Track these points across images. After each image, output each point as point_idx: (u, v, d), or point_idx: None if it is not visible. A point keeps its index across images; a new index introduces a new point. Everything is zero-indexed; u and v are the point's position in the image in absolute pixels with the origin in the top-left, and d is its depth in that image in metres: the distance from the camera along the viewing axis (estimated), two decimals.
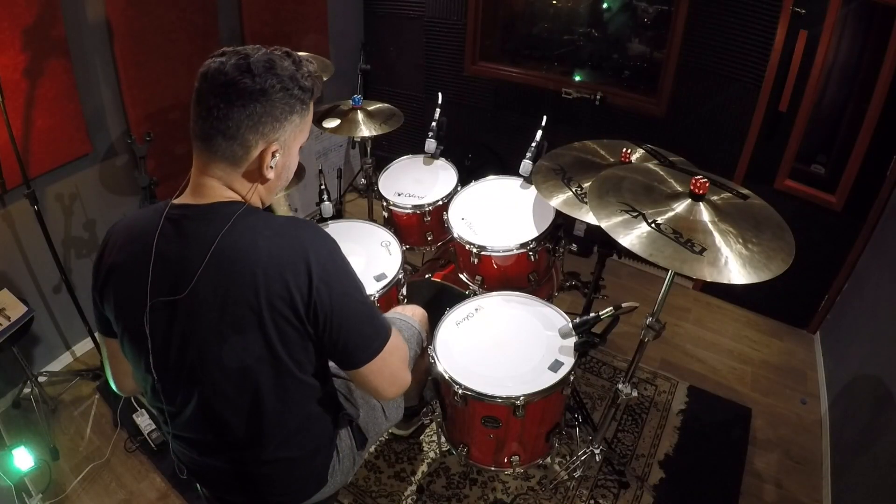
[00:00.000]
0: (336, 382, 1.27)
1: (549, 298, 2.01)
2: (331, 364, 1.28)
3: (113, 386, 1.16)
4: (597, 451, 1.87)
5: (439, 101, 2.36)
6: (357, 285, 1.00)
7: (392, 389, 1.09)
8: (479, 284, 1.98)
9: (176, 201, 0.96)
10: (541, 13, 3.18)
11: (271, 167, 0.95)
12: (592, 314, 1.47)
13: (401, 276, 1.83)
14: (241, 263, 0.89)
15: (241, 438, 1.03)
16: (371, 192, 2.41)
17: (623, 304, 1.46)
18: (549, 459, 1.97)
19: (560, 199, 1.70)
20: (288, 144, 0.97)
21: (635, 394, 1.70)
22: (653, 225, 1.34)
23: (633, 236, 1.32)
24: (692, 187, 1.38)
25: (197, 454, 1.08)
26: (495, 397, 1.43)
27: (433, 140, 2.32)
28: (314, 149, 3.36)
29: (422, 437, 2.09)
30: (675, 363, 2.48)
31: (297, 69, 0.93)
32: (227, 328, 0.91)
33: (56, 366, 2.37)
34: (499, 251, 1.86)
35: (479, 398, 1.45)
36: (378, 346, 1.02)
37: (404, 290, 1.89)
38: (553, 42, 3.11)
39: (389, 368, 1.06)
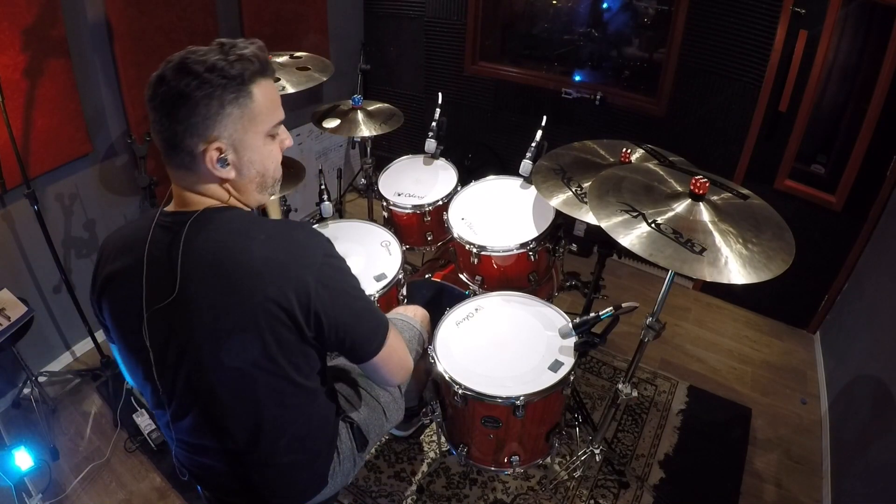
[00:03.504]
0: (337, 384, 1.27)
1: (549, 298, 2.01)
2: (331, 364, 1.28)
3: (131, 382, 1.16)
4: (597, 451, 1.87)
5: (439, 101, 2.36)
6: (354, 282, 1.00)
7: (402, 374, 1.13)
8: (479, 284, 1.98)
9: (167, 209, 0.95)
10: (541, 13, 3.18)
11: (222, 167, 0.90)
12: (592, 314, 1.47)
13: (401, 276, 1.83)
14: (235, 269, 0.88)
15: (241, 444, 1.02)
16: (371, 192, 2.41)
17: (623, 304, 1.45)
18: (549, 459, 1.97)
19: (560, 199, 1.70)
20: (236, 139, 0.90)
21: (635, 394, 1.70)
22: (653, 225, 1.34)
23: (633, 236, 1.32)
24: (692, 187, 1.38)
25: (197, 457, 1.08)
26: (495, 397, 1.43)
27: (433, 140, 2.32)
28: (314, 149, 3.36)
29: (422, 437, 2.09)
30: (675, 363, 2.48)
31: (223, 57, 0.86)
32: (224, 335, 0.90)
33: (56, 366, 2.37)
34: (499, 251, 1.86)
35: (479, 398, 1.45)
36: (383, 337, 1.04)
37: (404, 290, 1.89)
38: (553, 42, 3.11)
39: (397, 354, 1.09)
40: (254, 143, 0.93)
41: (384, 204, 2.21)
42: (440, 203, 2.14)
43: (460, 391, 1.46)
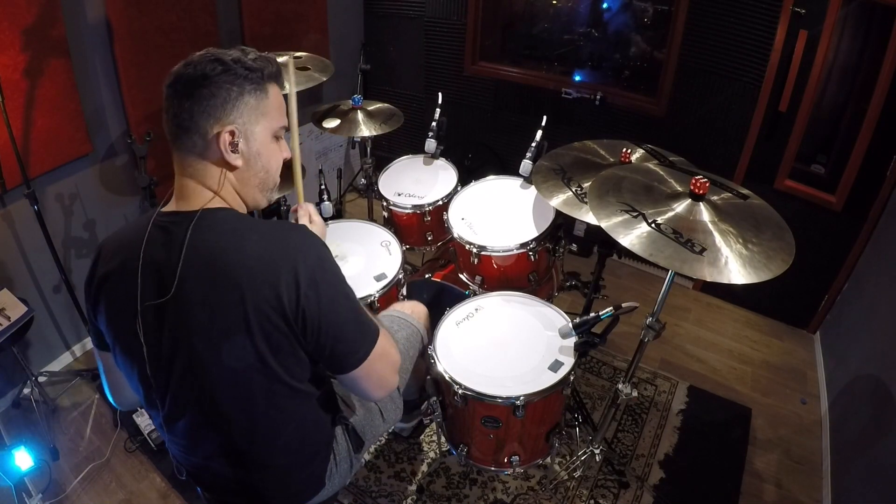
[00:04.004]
0: (334, 384, 1.27)
1: (549, 298, 2.01)
2: None
3: (110, 399, 1.16)
4: (597, 451, 1.87)
5: (439, 101, 2.36)
6: (346, 291, 0.99)
7: (379, 392, 1.08)
8: (479, 284, 1.98)
9: (164, 209, 0.96)
10: (541, 13, 3.18)
11: (233, 152, 0.93)
12: (592, 314, 1.47)
13: (401, 276, 1.83)
14: (228, 269, 0.89)
15: (236, 445, 1.02)
16: (371, 192, 2.41)
17: (623, 304, 1.45)
18: (549, 459, 1.97)
19: (560, 199, 1.71)
20: (248, 128, 0.94)
21: (635, 394, 1.71)
22: (653, 225, 1.34)
23: (633, 236, 1.32)
24: (692, 187, 1.38)
25: (195, 458, 1.08)
26: (495, 397, 1.43)
27: (433, 140, 2.31)
28: (314, 149, 3.36)
29: (422, 437, 2.09)
30: (675, 363, 2.48)
31: (243, 54, 0.93)
32: (216, 335, 0.90)
33: (56, 366, 2.37)
34: (499, 251, 1.86)
35: (479, 398, 1.45)
36: (365, 352, 1.00)
37: (404, 291, 1.89)
38: (553, 42, 3.11)
39: (377, 373, 1.04)
40: (263, 136, 0.97)
41: (384, 204, 2.21)
42: (440, 203, 2.14)
43: (460, 391, 1.46)
